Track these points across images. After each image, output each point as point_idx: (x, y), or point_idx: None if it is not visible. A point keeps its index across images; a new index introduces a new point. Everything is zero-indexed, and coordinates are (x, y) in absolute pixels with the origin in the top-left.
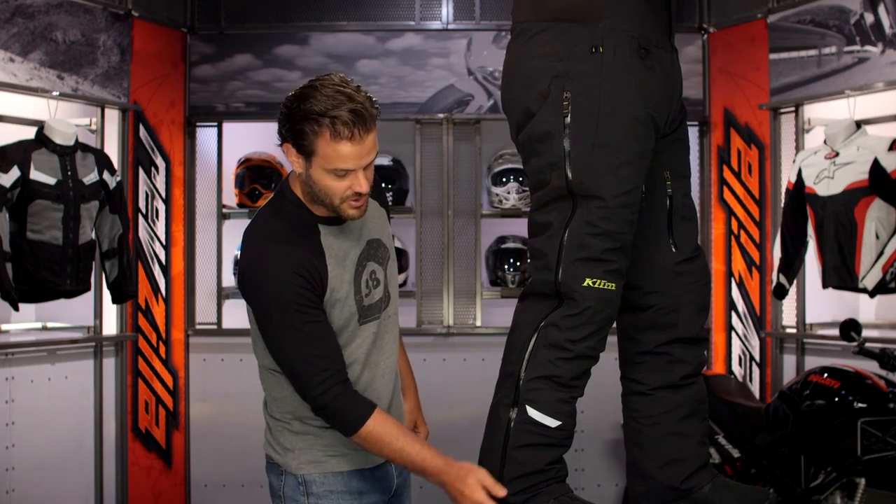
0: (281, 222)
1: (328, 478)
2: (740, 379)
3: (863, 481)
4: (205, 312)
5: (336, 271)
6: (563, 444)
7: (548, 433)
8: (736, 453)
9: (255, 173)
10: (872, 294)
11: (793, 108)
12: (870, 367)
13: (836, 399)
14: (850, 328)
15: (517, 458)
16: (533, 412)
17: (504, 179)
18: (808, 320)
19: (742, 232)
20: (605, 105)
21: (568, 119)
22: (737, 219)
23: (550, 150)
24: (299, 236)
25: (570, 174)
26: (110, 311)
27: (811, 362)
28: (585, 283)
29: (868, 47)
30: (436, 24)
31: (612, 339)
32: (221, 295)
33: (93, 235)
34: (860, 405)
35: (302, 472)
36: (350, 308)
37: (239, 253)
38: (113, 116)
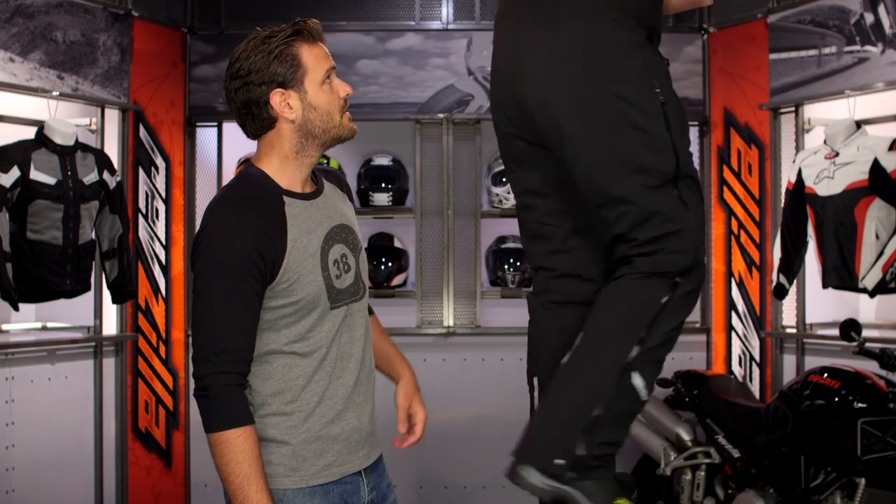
0: (241, 192)
1: (287, 495)
2: (740, 379)
3: (863, 481)
4: None
5: (300, 242)
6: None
7: (636, 408)
8: (736, 453)
9: None
10: (872, 294)
11: (793, 108)
12: (870, 367)
13: (836, 399)
14: (850, 328)
15: (607, 423)
16: (637, 380)
17: (504, 179)
18: (808, 320)
19: (742, 232)
20: (673, 90)
21: (664, 105)
22: (737, 219)
23: (655, 135)
24: (259, 203)
25: (679, 156)
26: (110, 311)
27: (811, 362)
28: (705, 259)
29: (868, 47)
30: (436, 24)
31: None
32: None
33: (93, 235)
34: (860, 405)
35: None
36: (317, 283)
37: None
38: (113, 116)
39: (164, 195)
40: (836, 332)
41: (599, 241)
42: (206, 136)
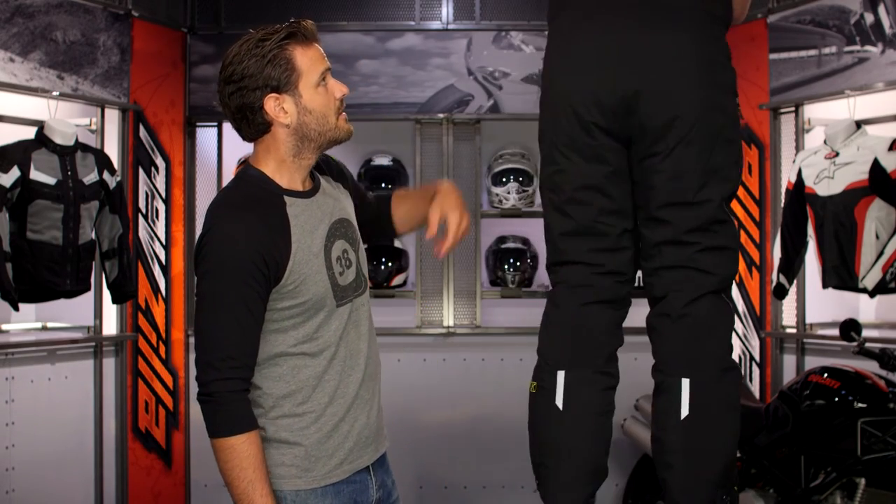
0: (243, 193)
1: (300, 496)
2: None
3: (863, 481)
4: None
5: (304, 242)
6: None
7: None
8: (736, 453)
9: None
10: (872, 294)
11: (793, 108)
12: (870, 367)
13: (836, 399)
14: (850, 328)
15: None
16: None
17: (504, 179)
18: (808, 320)
19: (742, 232)
20: None
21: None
22: (737, 219)
23: (737, 149)
24: (262, 206)
25: (741, 171)
26: (110, 311)
27: (811, 362)
28: None
29: (868, 47)
30: (436, 24)
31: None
32: None
33: (93, 235)
34: (860, 405)
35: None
36: (323, 283)
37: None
38: (113, 116)
39: (164, 195)
40: (836, 332)
41: (641, 245)
42: (206, 136)
